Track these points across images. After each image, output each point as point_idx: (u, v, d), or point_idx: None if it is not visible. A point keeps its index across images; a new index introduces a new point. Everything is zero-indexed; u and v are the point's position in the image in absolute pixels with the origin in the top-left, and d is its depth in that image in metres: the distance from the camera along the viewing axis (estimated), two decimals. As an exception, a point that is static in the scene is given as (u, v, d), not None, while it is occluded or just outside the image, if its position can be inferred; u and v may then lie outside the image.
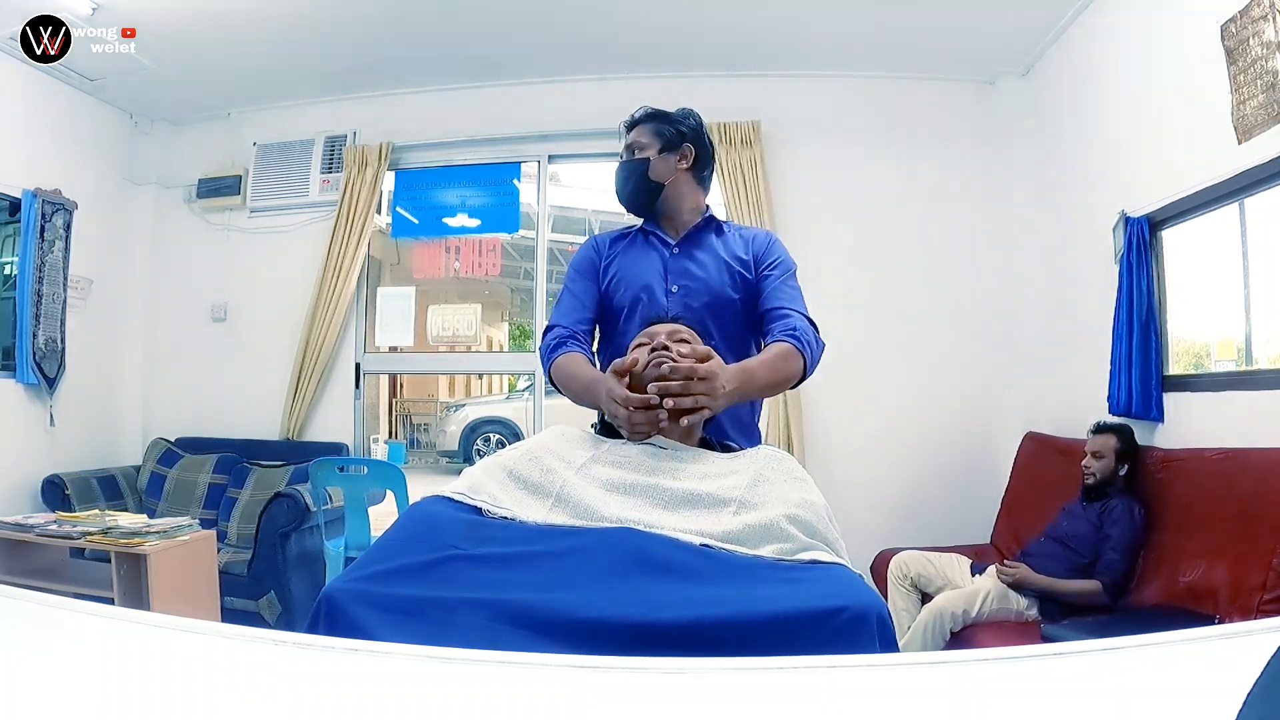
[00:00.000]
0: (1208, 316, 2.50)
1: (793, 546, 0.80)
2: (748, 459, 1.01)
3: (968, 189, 3.37)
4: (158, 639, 0.49)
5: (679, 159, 1.41)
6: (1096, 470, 2.26)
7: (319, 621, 0.65)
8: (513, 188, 3.77)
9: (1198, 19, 2.14)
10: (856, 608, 0.65)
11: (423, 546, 0.76)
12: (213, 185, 3.79)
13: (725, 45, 3.24)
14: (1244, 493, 1.81)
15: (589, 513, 0.85)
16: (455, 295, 5.92)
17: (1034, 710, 0.41)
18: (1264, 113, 1.91)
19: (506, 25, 3.12)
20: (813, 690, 0.42)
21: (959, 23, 2.98)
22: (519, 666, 0.45)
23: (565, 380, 1.28)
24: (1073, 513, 2.32)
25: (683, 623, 0.62)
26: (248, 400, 3.69)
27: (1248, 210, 2.14)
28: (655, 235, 1.43)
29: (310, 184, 3.71)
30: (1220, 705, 0.34)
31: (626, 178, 1.43)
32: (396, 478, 2.77)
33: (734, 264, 1.38)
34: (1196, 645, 0.46)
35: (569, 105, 3.54)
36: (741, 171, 3.30)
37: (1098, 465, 2.26)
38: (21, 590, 0.54)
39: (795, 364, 1.24)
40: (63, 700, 0.39)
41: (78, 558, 2.65)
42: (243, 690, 0.42)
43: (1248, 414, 2.05)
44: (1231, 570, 1.77)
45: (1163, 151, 2.38)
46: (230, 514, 3.17)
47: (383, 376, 7.40)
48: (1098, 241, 2.70)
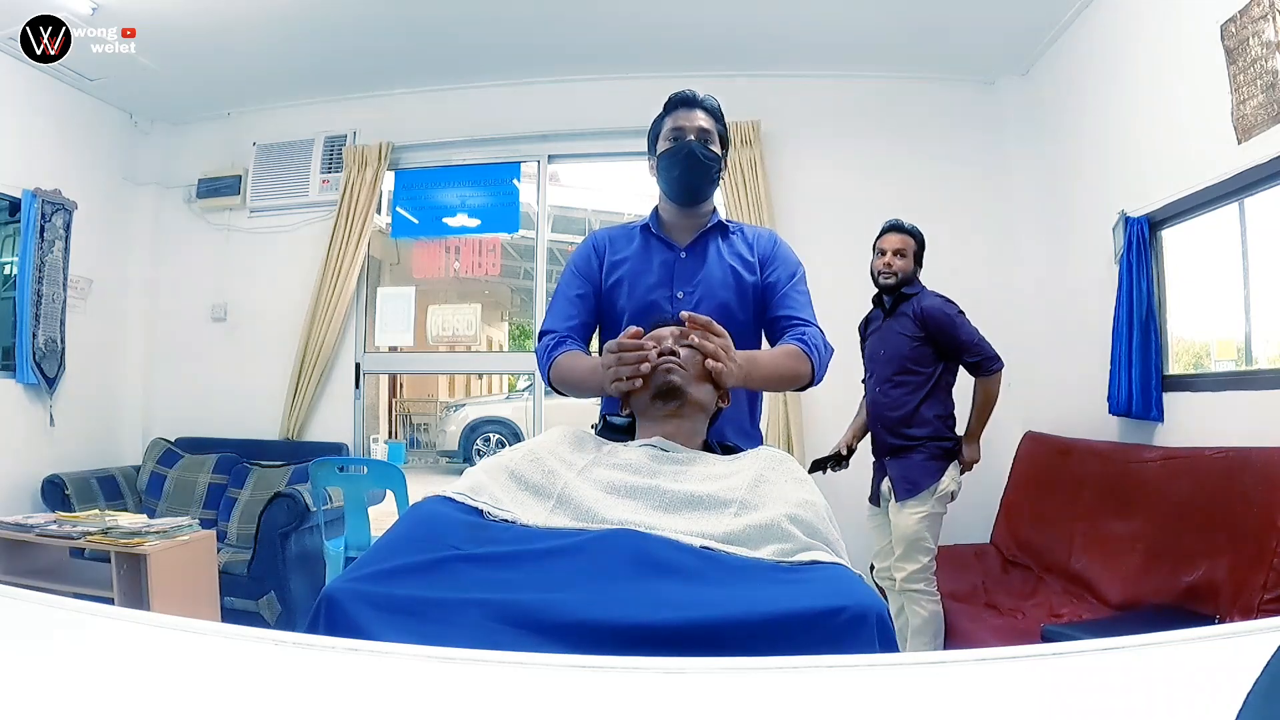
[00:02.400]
0: (1207, 316, 2.50)
1: (793, 546, 0.80)
2: (748, 460, 1.01)
3: (967, 189, 3.37)
4: (158, 639, 0.49)
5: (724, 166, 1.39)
6: (899, 269, 2.32)
7: (319, 621, 0.65)
8: (512, 188, 3.77)
9: (1198, 19, 2.14)
10: (856, 608, 0.65)
11: (423, 547, 0.76)
12: (212, 185, 3.79)
13: (725, 45, 3.24)
14: (1244, 493, 1.81)
15: (590, 515, 0.85)
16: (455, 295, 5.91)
17: (1034, 710, 0.41)
18: (1264, 113, 1.91)
19: (506, 25, 3.12)
20: (813, 690, 0.42)
21: (959, 23, 2.98)
22: (519, 666, 0.45)
23: (566, 374, 1.26)
24: (885, 336, 2.36)
25: (682, 623, 0.62)
26: (248, 400, 3.69)
27: (1247, 210, 2.14)
28: (659, 236, 1.39)
29: (310, 184, 3.71)
30: (1220, 705, 0.34)
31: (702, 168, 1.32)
32: (396, 478, 2.77)
33: (740, 268, 1.35)
34: (1196, 645, 0.46)
35: (569, 105, 3.54)
36: (741, 171, 3.30)
37: (900, 264, 2.32)
38: (21, 590, 0.54)
39: (802, 366, 1.24)
40: (63, 700, 0.39)
41: (78, 558, 2.65)
42: (243, 690, 0.42)
43: (1248, 414, 2.05)
44: (1231, 570, 1.77)
45: (1162, 151, 2.38)
46: (230, 514, 3.18)
47: (383, 376, 7.40)
48: (1098, 241, 2.70)
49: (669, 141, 1.34)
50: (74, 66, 3.18)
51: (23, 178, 3.22)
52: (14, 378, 3.24)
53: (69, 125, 3.45)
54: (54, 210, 3.32)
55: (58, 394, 3.37)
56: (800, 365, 1.24)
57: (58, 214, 3.35)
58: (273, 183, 3.77)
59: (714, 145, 1.34)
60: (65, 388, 3.41)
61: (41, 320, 3.27)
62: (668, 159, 1.33)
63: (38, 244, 3.24)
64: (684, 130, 1.33)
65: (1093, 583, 2.25)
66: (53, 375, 3.34)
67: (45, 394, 3.33)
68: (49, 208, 3.29)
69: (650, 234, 1.40)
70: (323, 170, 3.71)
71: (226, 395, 3.72)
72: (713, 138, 1.34)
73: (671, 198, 1.37)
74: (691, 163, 1.31)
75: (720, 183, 1.40)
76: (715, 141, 1.34)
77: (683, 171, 1.32)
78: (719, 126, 1.36)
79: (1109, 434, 2.58)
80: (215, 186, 3.79)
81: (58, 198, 3.34)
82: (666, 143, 1.34)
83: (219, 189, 3.78)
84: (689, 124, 1.33)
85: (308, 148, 3.74)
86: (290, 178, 3.75)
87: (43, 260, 3.27)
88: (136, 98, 3.65)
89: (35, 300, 3.24)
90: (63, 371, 3.40)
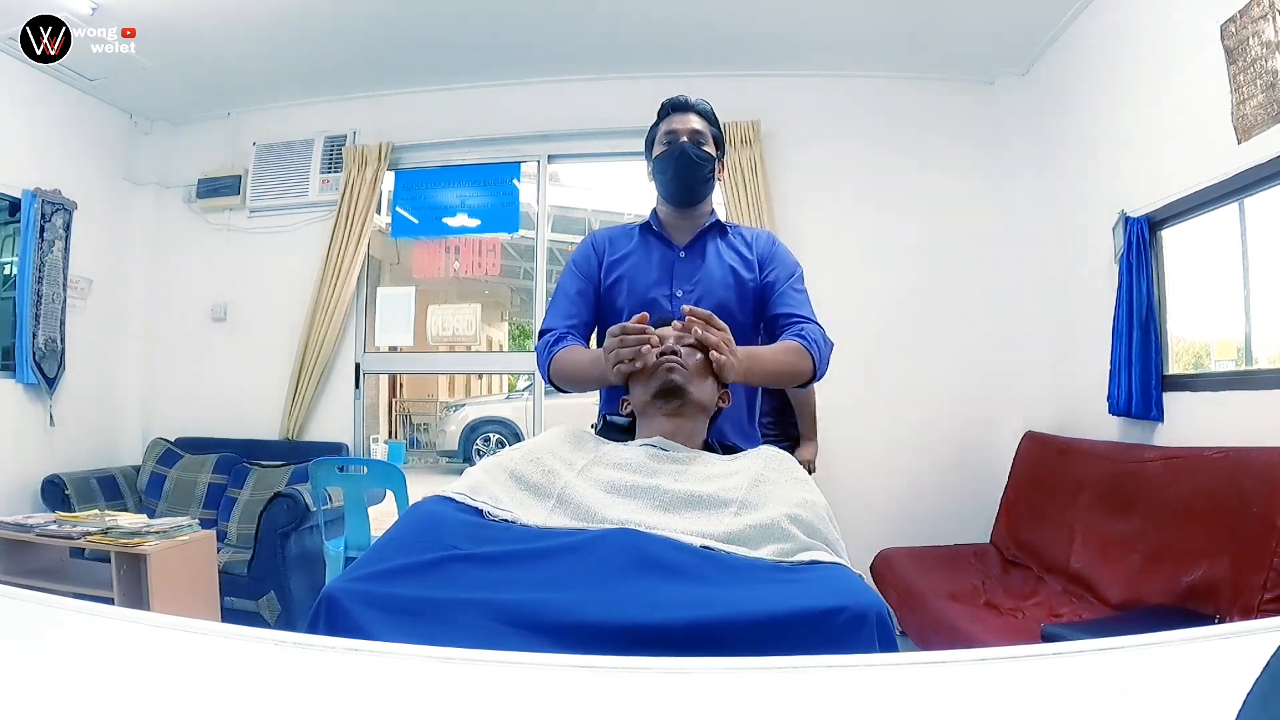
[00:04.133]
0: (1207, 316, 2.50)
1: (793, 546, 0.80)
2: (748, 460, 1.01)
3: (967, 189, 3.37)
4: (158, 639, 0.49)
5: (721, 167, 1.41)
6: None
7: (319, 621, 0.65)
8: (512, 188, 3.77)
9: (1198, 19, 2.14)
10: (856, 608, 0.65)
11: (423, 546, 0.76)
12: (212, 185, 3.79)
13: (725, 45, 3.24)
14: (1244, 493, 1.81)
15: (590, 515, 0.85)
16: (455, 295, 5.91)
17: (1034, 710, 0.41)
18: (1264, 112, 1.91)
19: (506, 25, 3.12)
20: (813, 690, 0.42)
21: (959, 23, 2.98)
22: (519, 666, 0.45)
23: (567, 367, 1.27)
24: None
25: (682, 623, 0.62)
26: (248, 400, 3.69)
27: (1247, 210, 2.14)
28: (659, 236, 1.40)
29: (310, 184, 3.71)
30: (1220, 705, 0.34)
31: (695, 167, 1.35)
32: (396, 478, 2.77)
33: (739, 268, 1.37)
34: (1196, 645, 0.46)
35: (569, 105, 3.54)
36: (741, 171, 3.30)
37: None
38: (21, 590, 0.54)
39: (803, 361, 1.24)
40: (63, 700, 0.39)
41: (78, 558, 2.65)
42: (243, 690, 0.42)
43: (1248, 414, 2.05)
44: (1231, 570, 1.77)
45: (1163, 151, 2.38)
46: (230, 514, 3.17)
47: (383, 376, 7.40)
48: (1098, 241, 2.70)
49: (663, 145, 1.38)
50: (74, 66, 3.18)
51: (23, 178, 3.22)
52: (14, 378, 3.24)
53: (69, 125, 3.45)
54: (54, 210, 3.32)
55: (58, 394, 3.37)
56: (801, 361, 1.24)
57: (58, 214, 3.35)
58: (273, 183, 3.77)
59: (707, 146, 1.37)
60: (65, 388, 3.41)
61: (41, 320, 3.27)
62: (662, 161, 1.37)
63: (38, 244, 3.24)
64: (677, 133, 1.36)
65: (1093, 583, 2.25)
66: (53, 375, 3.34)
67: (45, 394, 3.33)
68: (49, 208, 3.29)
69: (649, 233, 1.41)
70: (323, 170, 3.71)
71: (226, 395, 3.72)
72: (706, 139, 1.37)
73: (668, 199, 1.40)
74: (684, 163, 1.35)
75: (716, 183, 1.41)
76: (709, 143, 1.37)
77: (676, 172, 1.36)
78: (713, 129, 1.39)
79: (1109, 434, 2.58)
80: (215, 186, 3.79)
81: (58, 198, 3.34)
82: (661, 146, 1.38)
83: (219, 189, 3.78)
84: (682, 126, 1.36)
85: (308, 148, 3.74)
86: (290, 178, 3.75)
87: (43, 260, 3.27)
88: (136, 98, 3.65)
89: (35, 300, 3.24)
90: (63, 371, 3.40)
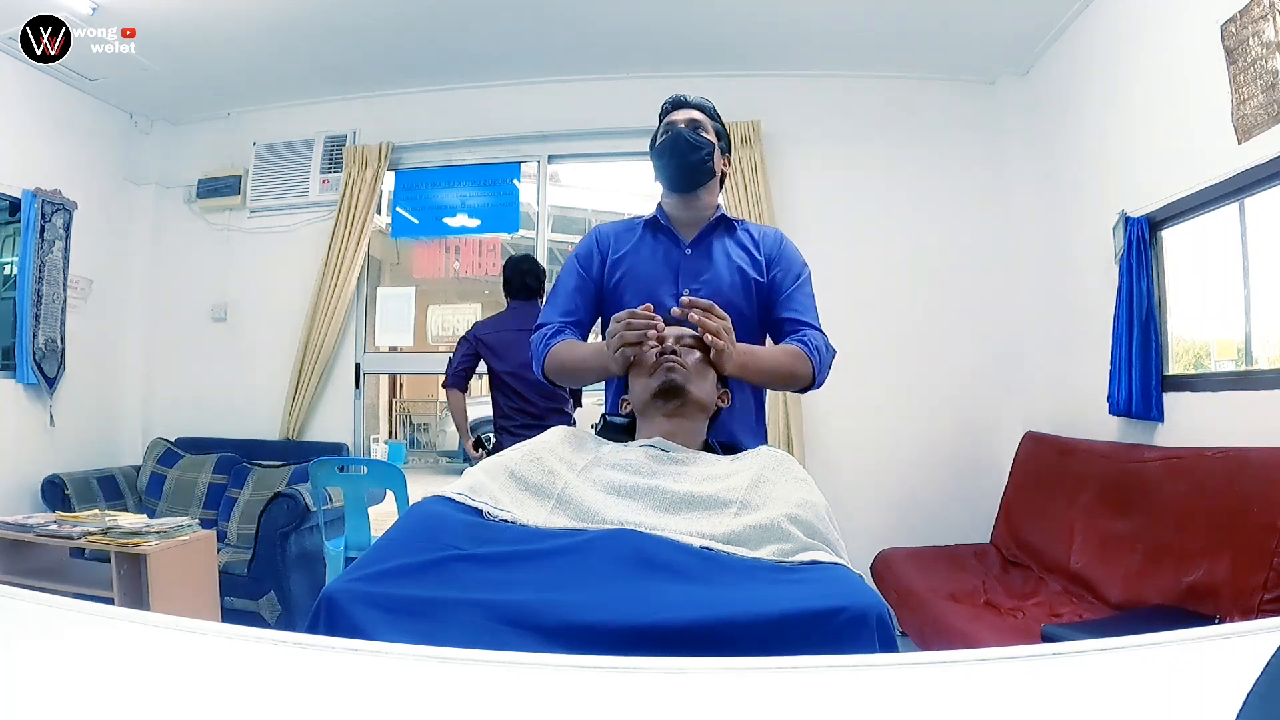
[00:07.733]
0: (1208, 316, 2.50)
1: (793, 546, 0.80)
2: (748, 460, 1.01)
3: (967, 189, 3.37)
4: (158, 639, 0.49)
5: (724, 162, 1.42)
6: None
7: (319, 621, 0.65)
8: (512, 188, 3.77)
9: (1198, 19, 2.14)
10: (856, 608, 0.65)
11: (423, 546, 0.75)
12: (212, 185, 3.79)
13: (725, 45, 3.24)
14: (1244, 493, 1.81)
15: (590, 515, 0.85)
16: (455, 295, 5.92)
17: (1034, 710, 0.41)
18: (1264, 113, 1.91)
19: (506, 25, 3.12)
20: (812, 690, 0.42)
21: (959, 23, 2.98)
22: (519, 666, 0.45)
23: (565, 359, 1.26)
24: None
25: (681, 623, 0.62)
26: (248, 400, 3.69)
27: (1247, 210, 2.14)
28: (666, 232, 1.39)
29: (310, 184, 3.71)
30: (1220, 705, 0.34)
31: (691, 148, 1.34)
32: (396, 478, 2.77)
33: (746, 266, 1.36)
34: (1196, 645, 0.46)
35: (569, 105, 3.54)
36: (741, 171, 3.30)
37: None
38: (21, 590, 0.54)
39: (802, 366, 1.24)
40: (63, 700, 0.39)
41: (78, 558, 2.65)
42: (243, 690, 0.42)
43: (1248, 414, 2.05)
44: (1232, 570, 1.77)
45: (1163, 151, 2.38)
46: (230, 514, 3.17)
47: (383, 376, 7.40)
48: (1098, 241, 2.70)
49: (662, 135, 1.39)
50: (74, 66, 3.18)
51: (23, 178, 3.22)
52: (14, 378, 3.24)
53: (69, 125, 3.45)
54: (54, 210, 3.32)
55: (58, 394, 3.37)
56: (800, 365, 1.24)
57: (58, 214, 3.34)
58: (273, 183, 3.77)
59: (705, 133, 1.37)
60: (65, 388, 3.41)
61: (41, 320, 3.27)
62: (660, 148, 1.38)
63: (38, 244, 3.24)
64: (675, 123, 1.37)
65: (1093, 583, 2.25)
66: (53, 375, 3.34)
67: (45, 394, 3.33)
68: (49, 208, 3.29)
69: (655, 227, 1.40)
70: (323, 170, 3.71)
71: (226, 395, 3.72)
72: (704, 126, 1.38)
73: (669, 186, 1.40)
74: (680, 144, 1.35)
75: (719, 175, 1.41)
76: (707, 130, 1.38)
77: (673, 154, 1.35)
78: (714, 123, 1.40)
79: (1109, 434, 2.58)
80: (215, 186, 3.79)
81: (58, 198, 3.34)
82: (660, 137, 1.39)
83: (219, 189, 3.78)
84: (680, 117, 1.38)
85: (308, 148, 3.74)
86: (290, 178, 3.75)
87: (43, 260, 3.27)
88: (136, 98, 3.65)
89: (35, 300, 3.24)
90: (63, 371, 3.40)
